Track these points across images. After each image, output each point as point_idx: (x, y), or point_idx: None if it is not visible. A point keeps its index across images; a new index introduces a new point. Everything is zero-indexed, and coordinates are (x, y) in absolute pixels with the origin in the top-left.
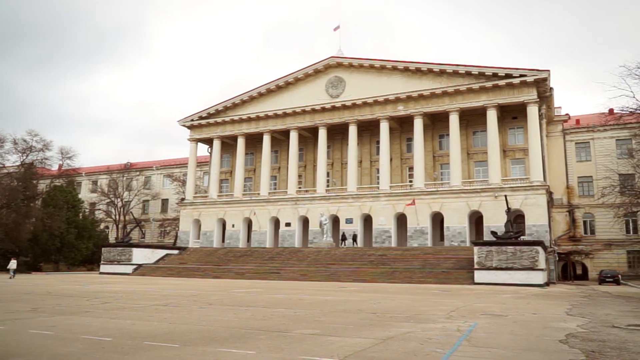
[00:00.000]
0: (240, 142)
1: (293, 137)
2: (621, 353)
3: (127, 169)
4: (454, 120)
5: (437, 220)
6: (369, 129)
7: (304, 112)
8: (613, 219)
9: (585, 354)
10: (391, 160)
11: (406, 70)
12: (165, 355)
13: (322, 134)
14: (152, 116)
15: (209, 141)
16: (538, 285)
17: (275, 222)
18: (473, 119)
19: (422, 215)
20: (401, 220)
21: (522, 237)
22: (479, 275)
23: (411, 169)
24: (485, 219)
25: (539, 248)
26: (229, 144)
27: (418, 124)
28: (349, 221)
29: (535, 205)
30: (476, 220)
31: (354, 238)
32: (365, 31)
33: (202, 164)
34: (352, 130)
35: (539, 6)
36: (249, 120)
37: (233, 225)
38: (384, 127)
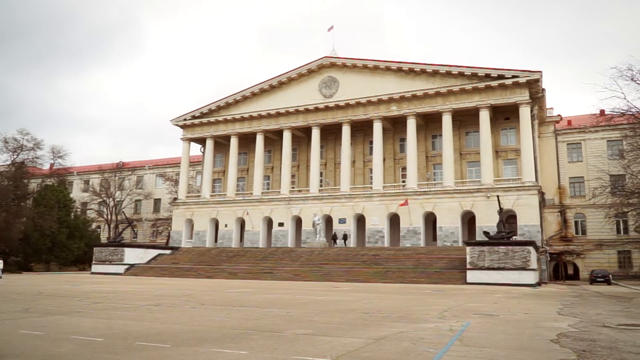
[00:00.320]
0: (234, 141)
1: (286, 137)
2: (612, 352)
3: (119, 168)
4: (446, 121)
5: (430, 220)
6: (362, 129)
7: (297, 112)
8: (604, 220)
9: (577, 354)
10: (384, 160)
11: (399, 70)
12: (157, 355)
13: (316, 134)
14: (145, 116)
15: (202, 141)
16: (530, 285)
17: (268, 222)
18: (466, 120)
19: (415, 215)
20: (394, 220)
21: (514, 237)
22: (472, 275)
23: (404, 169)
24: (477, 219)
25: (530, 248)
26: (222, 144)
27: (411, 125)
28: (342, 221)
29: (527, 206)
30: (469, 220)
31: (345, 238)
32: (359, 32)
33: (195, 163)
34: (346, 131)
35: (532, 6)
36: (242, 120)
37: (226, 225)
38: (377, 128)
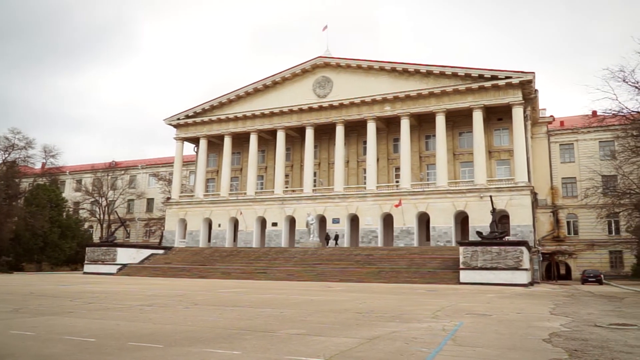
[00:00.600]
0: (227, 141)
1: (280, 136)
2: (603, 352)
3: (112, 167)
4: (440, 121)
5: (423, 220)
6: (356, 129)
7: (291, 111)
8: (596, 220)
9: (569, 353)
10: (378, 160)
11: (393, 70)
12: (149, 355)
13: (310, 134)
14: (138, 115)
15: (195, 140)
16: (522, 284)
17: (262, 222)
18: (459, 120)
19: (409, 215)
20: (388, 220)
21: (506, 238)
22: (465, 275)
23: (398, 169)
24: (470, 219)
25: (523, 248)
26: (215, 144)
27: (405, 125)
28: (336, 221)
29: (520, 206)
30: (462, 220)
31: (336, 238)
32: (354, 32)
33: (189, 163)
34: (339, 131)
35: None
36: (236, 119)
37: (219, 225)
38: (371, 128)
